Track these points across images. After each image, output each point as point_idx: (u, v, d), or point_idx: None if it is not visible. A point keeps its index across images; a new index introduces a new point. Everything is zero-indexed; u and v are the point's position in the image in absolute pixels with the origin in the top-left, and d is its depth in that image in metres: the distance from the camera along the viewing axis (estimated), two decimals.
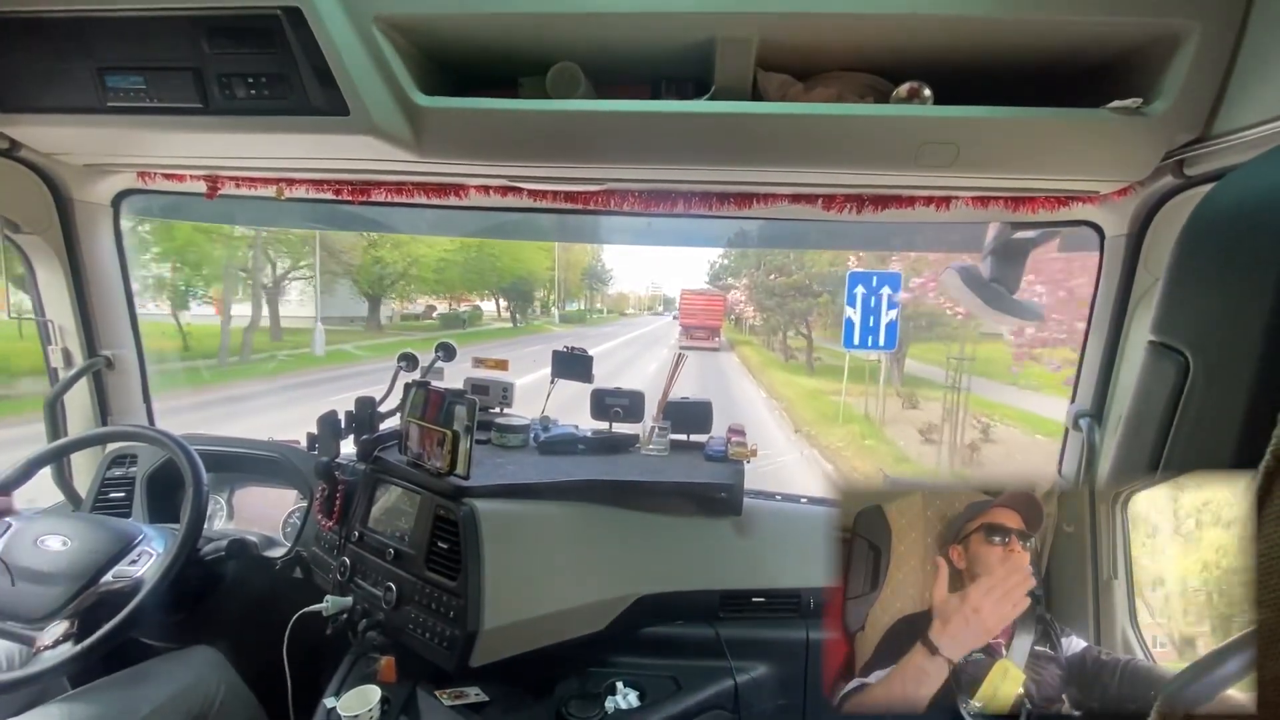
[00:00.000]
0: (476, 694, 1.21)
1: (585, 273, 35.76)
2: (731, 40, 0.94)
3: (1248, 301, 0.45)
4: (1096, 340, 1.31)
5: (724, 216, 1.40)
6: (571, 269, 33.08)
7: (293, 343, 13.88)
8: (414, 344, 1.85)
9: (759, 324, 20.53)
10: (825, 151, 1.03)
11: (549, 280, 29.16)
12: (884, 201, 1.28)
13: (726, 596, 1.47)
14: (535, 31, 0.97)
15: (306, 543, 1.56)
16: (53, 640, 1.10)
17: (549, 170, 1.17)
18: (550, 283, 29.50)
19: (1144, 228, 1.17)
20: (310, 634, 1.28)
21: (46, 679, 1.11)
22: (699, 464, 1.56)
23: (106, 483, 1.57)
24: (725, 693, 1.38)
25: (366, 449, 1.44)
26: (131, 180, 1.48)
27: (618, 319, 43.15)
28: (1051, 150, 1.00)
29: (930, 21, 0.89)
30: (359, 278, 16.16)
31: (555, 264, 27.69)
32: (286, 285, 14.80)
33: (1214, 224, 0.52)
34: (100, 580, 1.20)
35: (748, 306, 18.72)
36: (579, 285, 36.01)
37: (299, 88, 0.98)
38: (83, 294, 1.55)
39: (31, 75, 1.04)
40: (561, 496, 1.33)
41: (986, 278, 1.42)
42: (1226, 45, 0.85)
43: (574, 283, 34.89)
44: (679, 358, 1.77)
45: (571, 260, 31.24)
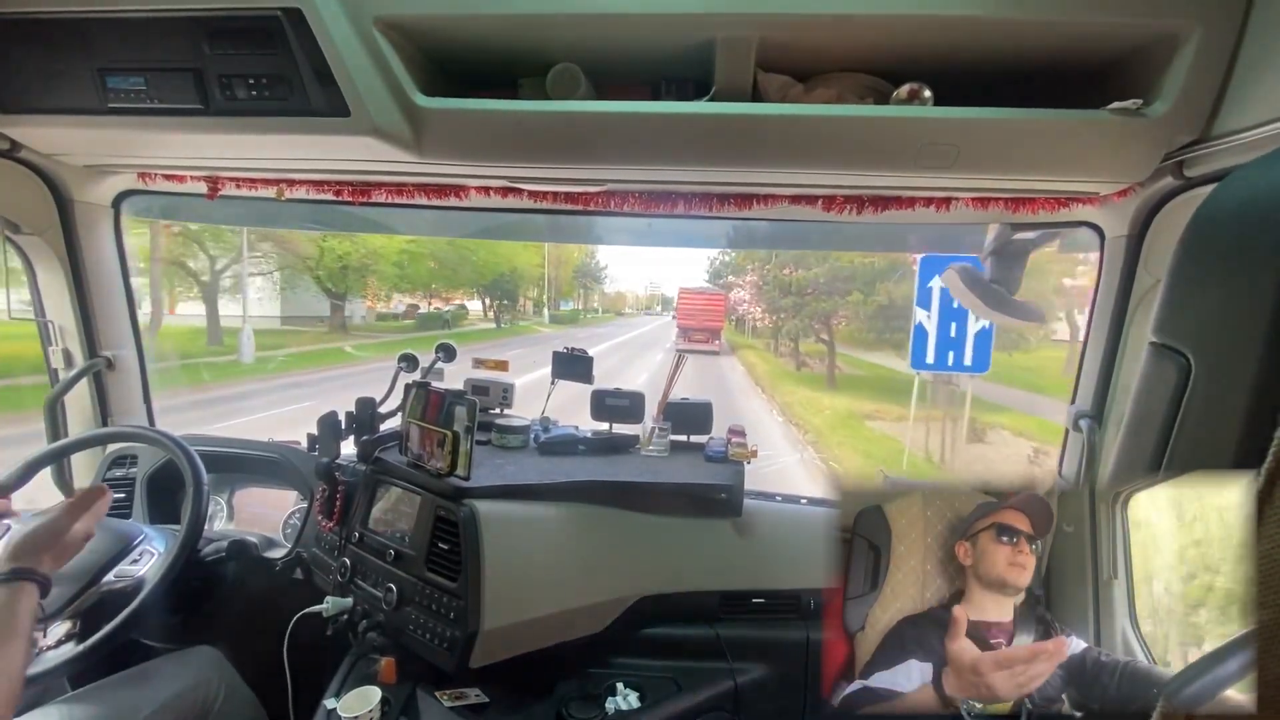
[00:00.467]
0: (476, 695, 1.21)
1: (578, 270, 35.02)
2: (732, 41, 0.94)
3: (1249, 302, 0.45)
4: (1097, 341, 1.31)
5: (724, 217, 1.40)
6: (564, 266, 32.01)
7: (231, 346, 11.96)
8: (369, 348, 1.78)
9: (764, 325, 18.75)
10: (825, 153, 1.03)
11: (540, 278, 28.20)
12: (884, 202, 1.28)
13: (726, 597, 1.47)
14: (535, 32, 0.97)
15: (307, 544, 1.56)
16: (55, 640, 1.10)
17: (549, 171, 1.17)
18: (541, 281, 28.57)
19: (1144, 229, 1.17)
20: (310, 635, 1.28)
21: (49, 679, 1.11)
22: (699, 465, 1.56)
23: (106, 483, 1.57)
24: (725, 694, 1.38)
25: (367, 450, 1.44)
26: (132, 181, 1.48)
27: (613, 319, 42.19)
28: (1051, 151, 1.00)
29: (930, 23, 0.89)
30: (319, 273, 14.83)
31: (545, 261, 27.29)
32: (242, 281, 13.35)
33: (1215, 225, 0.52)
34: (101, 580, 1.20)
35: (754, 306, 17.15)
36: (571, 284, 34.99)
37: (299, 89, 0.98)
38: (83, 295, 1.55)
39: (32, 76, 1.04)
40: (562, 497, 1.33)
41: (987, 278, 1.42)
42: (1226, 46, 0.85)
43: (566, 281, 34.10)
44: (679, 358, 1.77)
45: (563, 257, 30.35)
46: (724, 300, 19.36)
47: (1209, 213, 0.52)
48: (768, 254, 14.51)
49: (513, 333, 22.72)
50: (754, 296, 16.83)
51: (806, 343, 15.47)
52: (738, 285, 18.84)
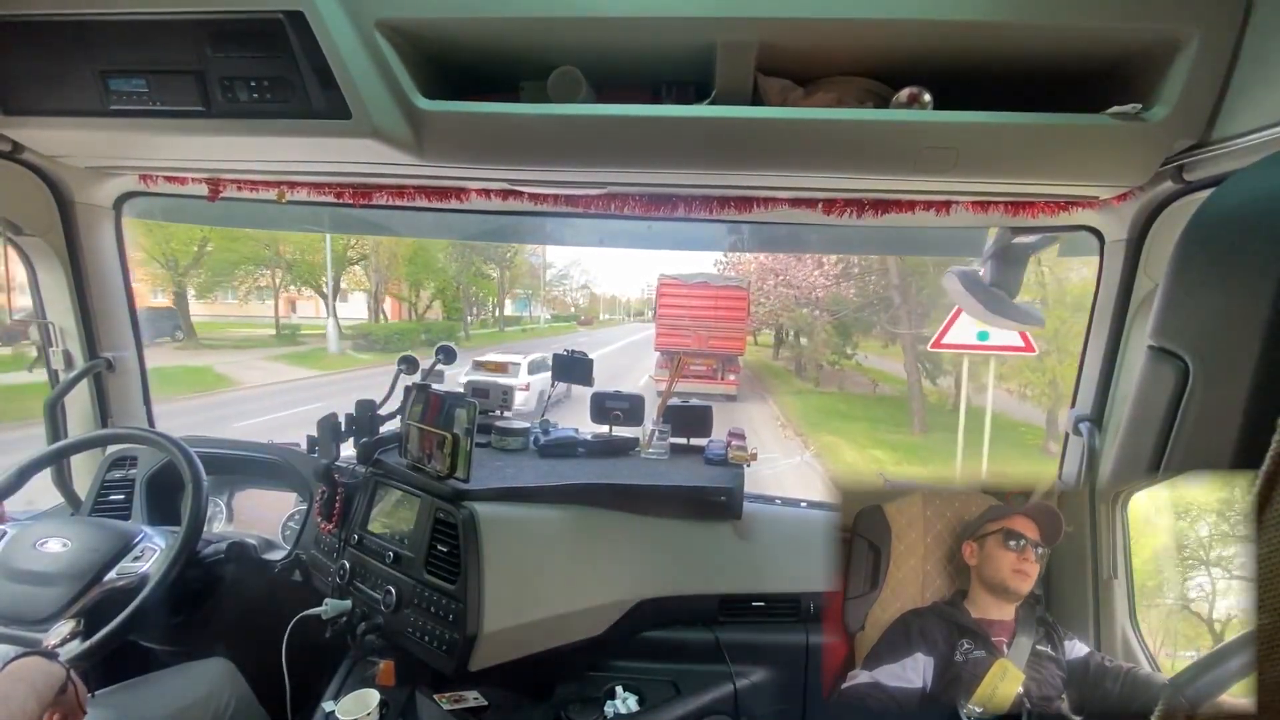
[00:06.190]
0: (475, 698, 1.21)
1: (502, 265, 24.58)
2: (732, 45, 0.95)
3: (1247, 306, 0.45)
4: (1096, 345, 1.31)
5: (724, 220, 1.40)
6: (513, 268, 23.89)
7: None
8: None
9: (787, 337, 14.16)
10: (825, 156, 1.04)
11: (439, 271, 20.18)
12: (884, 206, 1.28)
13: (726, 601, 1.46)
14: (536, 36, 0.97)
15: (306, 546, 1.55)
16: (60, 639, 1.10)
17: (550, 174, 1.18)
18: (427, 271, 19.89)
19: (1144, 233, 1.18)
20: (309, 637, 1.27)
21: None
22: (699, 468, 1.56)
23: (106, 485, 1.57)
24: (725, 697, 1.38)
25: (366, 452, 1.44)
26: (133, 183, 1.48)
27: (572, 330, 32.62)
28: (1051, 155, 1.00)
29: (930, 27, 0.89)
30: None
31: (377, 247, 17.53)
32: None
33: (1213, 229, 0.52)
34: (104, 578, 1.20)
35: (781, 313, 12.07)
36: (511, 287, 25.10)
37: (301, 91, 0.98)
38: (84, 296, 1.55)
39: (34, 78, 1.04)
40: (561, 500, 1.33)
41: (987, 282, 1.43)
42: (1226, 51, 0.85)
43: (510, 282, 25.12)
44: (679, 358, 1.78)
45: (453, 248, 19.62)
46: (745, 300, 11.79)
47: (1206, 217, 0.53)
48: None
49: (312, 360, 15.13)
50: (777, 298, 11.98)
51: (830, 356, 11.52)
52: (773, 271, 12.46)
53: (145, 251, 13.25)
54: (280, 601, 1.39)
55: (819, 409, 11.59)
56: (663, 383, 6.29)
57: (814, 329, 13.20)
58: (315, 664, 1.32)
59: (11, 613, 1.13)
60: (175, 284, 14.78)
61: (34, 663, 0.87)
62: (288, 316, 20.30)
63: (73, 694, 0.88)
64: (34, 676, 0.85)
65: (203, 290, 16.33)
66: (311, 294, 18.84)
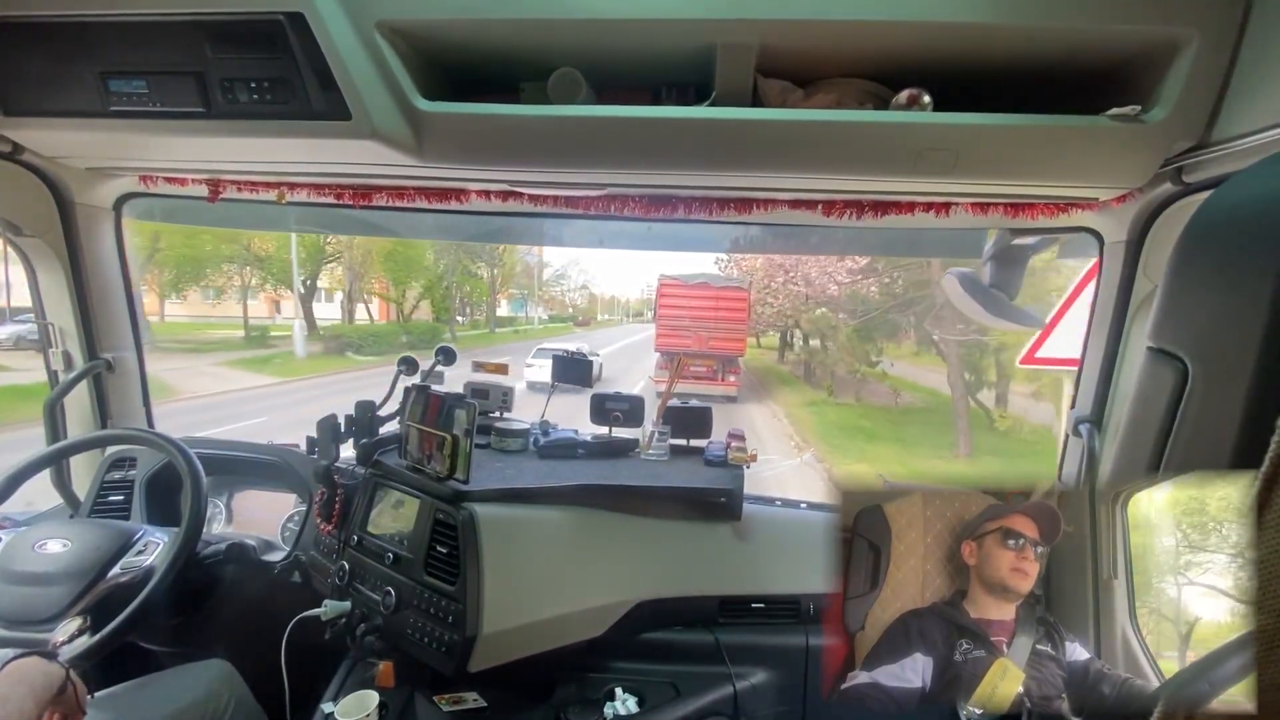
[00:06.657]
0: (475, 699, 1.21)
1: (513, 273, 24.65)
2: (732, 46, 0.95)
3: (1246, 307, 0.45)
4: (1096, 346, 1.31)
5: (724, 222, 1.40)
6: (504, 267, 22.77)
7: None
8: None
9: (794, 341, 12.98)
10: (825, 158, 1.04)
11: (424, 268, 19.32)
12: (883, 207, 1.28)
13: (726, 602, 1.46)
14: (536, 37, 0.97)
15: (305, 547, 1.55)
16: (67, 636, 1.10)
17: (550, 175, 1.18)
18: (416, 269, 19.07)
19: (1143, 234, 1.18)
20: (308, 638, 1.27)
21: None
22: (699, 469, 1.56)
23: (105, 486, 1.57)
24: (724, 699, 1.38)
25: (366, 453, 1.44)
26: (133, 184, 1.48)
27: (568, 331, 31.77)
28: (1051, 157, 1.00)
29: (930, 29, 0.89)
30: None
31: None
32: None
33: (1211, 230, 0.52)
34: (109, 574, 1.20)
35: (791, 313, 11.09)
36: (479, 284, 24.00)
37: (301, 92, 0.98)
38: (83, 297, 1.55)
39: (34, 79, 1.04)
40: (561, 501, 1.33)
41: (986, 284, 1.43)
42: (1225, 53, 0.85)
43: (505, 283, 24.28)
44: (679, 359, 1.78)
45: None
46: (745, 300, 11.86)
47: (1205, 218, 0.53)
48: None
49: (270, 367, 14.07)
50: (787, 298, 11.17)
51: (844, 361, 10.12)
52: (784, 270, 11.70)
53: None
54: (279, 603, 1.39)
55: (838, 425, 10.65)
56: (662, 384, 5.98)
57: (833, 332, 12.05)
58: (314, 665, 1.32)
59: (16, 615, 1.13)
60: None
61: (32, 663, 0.86)
62: (273, 317, 19.69)
63: (72, 694, 0.88)
64: (33, 677, 0.85)
65: (168, 290, 15.48)
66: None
